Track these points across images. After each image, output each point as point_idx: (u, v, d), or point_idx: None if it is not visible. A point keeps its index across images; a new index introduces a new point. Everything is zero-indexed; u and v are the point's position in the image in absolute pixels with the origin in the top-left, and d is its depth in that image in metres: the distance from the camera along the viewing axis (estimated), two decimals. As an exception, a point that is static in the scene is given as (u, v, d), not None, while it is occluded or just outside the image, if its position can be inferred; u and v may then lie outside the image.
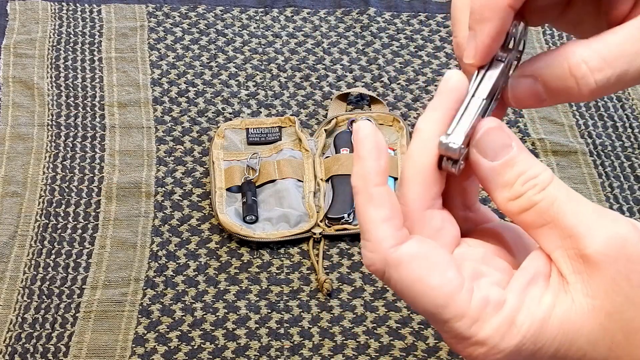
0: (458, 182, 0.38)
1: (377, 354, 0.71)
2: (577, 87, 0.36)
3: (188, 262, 0.78)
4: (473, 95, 0.37)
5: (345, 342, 0.72)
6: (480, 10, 0.36)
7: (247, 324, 0.73)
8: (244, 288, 0.76)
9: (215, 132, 0.88)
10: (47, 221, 0.80)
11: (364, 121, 0.36)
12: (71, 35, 0.99)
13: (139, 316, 0.73)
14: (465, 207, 0.40)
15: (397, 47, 1.00)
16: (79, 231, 0.80)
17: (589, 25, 0.41)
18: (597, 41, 0.36)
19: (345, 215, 0.80)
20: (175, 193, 0.83)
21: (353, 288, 0.76)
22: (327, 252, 0.79)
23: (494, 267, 0.36)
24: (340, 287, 0.76)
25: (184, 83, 0.94)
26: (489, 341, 0.34)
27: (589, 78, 0.35)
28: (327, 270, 0.77)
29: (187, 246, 0.79)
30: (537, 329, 0.33)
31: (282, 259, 0.78)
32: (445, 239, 0.37)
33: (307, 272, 0.77)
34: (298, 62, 0.98)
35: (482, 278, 0.35)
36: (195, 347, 0.71)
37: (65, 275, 0.76)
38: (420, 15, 1.05)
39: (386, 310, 0.75)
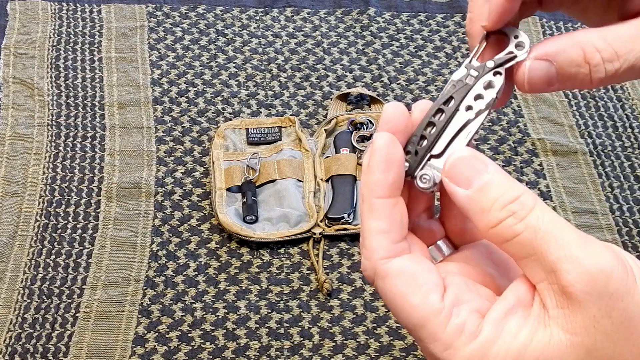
0: None
1: (377, 354, 0.71)
2: (587, 74, 0.37)
3: (188, 262, 0.78)
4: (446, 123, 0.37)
5: (345, 342, 0.72)
6: None
7: (247, 324, 0.73)
8: (244, 288, 0.76)
9: (215, 132, 0.88)
10: (47, 221, 0.80)
11: (382, 133, 0.36)
12: (71, 35, 0.99)
13: (139, 316, 0.73)
14: (463, 220, 0.40)
15: (397, 47, 1.00)
16: (79, 231, 0.80)
17: (597, 13, 0.42)
18: (610, 32, 0.37)
19: (345, 215, 0.80)
20: (175, 193, 0.83)
21: (353, 288, 0.76)
22: (327, 252, 0.79)
23: (477, 293, 0.36)
24: (340, 287, 0.76)
25: (184, 83, 0.94)
26: None
27: (600, 67, 0.36)
28: (327, 270, 0.77)
29: (187, 246, 0.79)
30: None
31: (282, 259, 0.78)
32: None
33: (307, 272, 0.77)
34: (298, 62, 0.98)
35: (463, 304, 0.35)
36: (195, 347, 0.71)
37: (65, 275, 0.76)
38: (420, 15, 1.05)
39: (386, 310, 0.74)
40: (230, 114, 0.91)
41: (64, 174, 0.84)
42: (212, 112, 0.91)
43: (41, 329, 0.72)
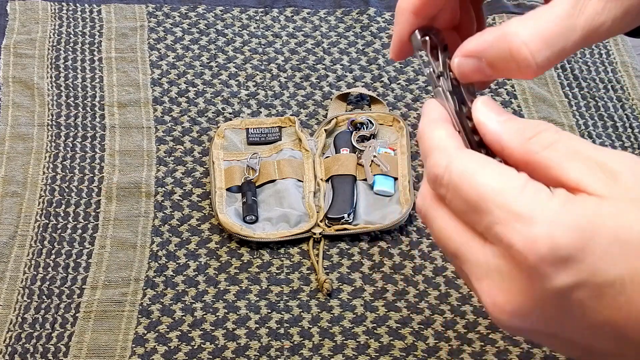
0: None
1: (377, 354, 0.71)
2: (519, 68, 0.37)
3: (188, 262, 0.78)
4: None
5: (345, 342, 0.72)
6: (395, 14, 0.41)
7: (247, 324, 0.73)
8: (244, 288, 0.76)
9: (215, 132, 0.88)
10: (47, 221, 0.80)
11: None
12: (71, 35, 0.99)
13: (139, 316, 0.73)
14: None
15: (397, 47, 1.00)
16: (79, 231, 0.80)
17: None
18: (536, 20, 0.37)
19: (345, 215, 0.80)
20: (175, 193, 0.83)
21: (353, 288, 0.76)
22: (327, 252, 0.79)
23: None
24: (340, 287, 0.76)
25: (184, 83, 0.94)
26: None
27: (530, 61, 0.36)
28: (327, 270, 0.77)
29: (187, 246, 0.79)
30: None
31: (282, 259, 0.78)
32: None
33: (307, 272, 0.77)
34: (298, 62, 0.98)
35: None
36: (195, 347, 0.71)
37: (65, 275, 0.76)
38: (420, 15, 1.04)
39: (386, 310, 0.75)
40: (230, 114, 0.91)
41: (64, 174, 0.84)
42: (212, 112, 0.91)
43: (41, 329, 0.72)
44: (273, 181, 0.83)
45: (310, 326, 0.73)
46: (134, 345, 0.71)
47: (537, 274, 0.32)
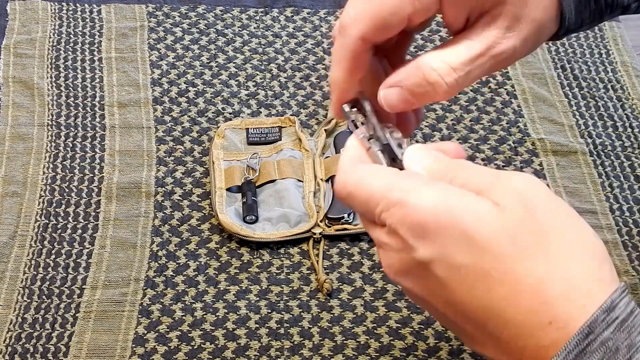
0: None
1: (377, 354, 0.71)
2: (434, 90, 0.45)
3: (188, 262, 0.78)
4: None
5: (345, 342, 0.72)
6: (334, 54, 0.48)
7: (247, 324, 0.73)
8: (244, 288, 0.76)
9: (215, 132, 0.88)
10: (47, 221, 0.80)
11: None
12: (71, 35, 0.99)
13: (139, 316, 0.73)
14: None
15: (397, 47, 1.00)
16: (79, 231, 0.80)
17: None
18: (444, 51, 0.45)
19: (345, 215, 0.80)
20: (175, 193, 0.83)
21: (353, 288, 0.76)
22: (327, 252, 0.79)
23: None
24: (340, 287, 0.76)
25: (184, 83, 0.94)
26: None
27: (441, 82, 0.45)
28: (327, 270, 0.77)
29: (187, 246, 0.79)
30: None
31: (282, 259, 0.78)
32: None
33: (307, 272, 0.77)
34: (298, 62, 0.98)
35: None
36: (195, 347, 0.71)
37: (65, 275, 0.76)
38: (420, 15, 1.04)
39: (386, 310, 0.75)
40: (230, 114, 0.91)
41: (64, 174, 0.84)
42: (212, 112, 0.91)
43: (41, 329, 0.72)
44: (273, 181, 0.83)
45: (311, 326, 0.73)
46: (134, 345, 0.71)
47: (406, 245, 0.41)
